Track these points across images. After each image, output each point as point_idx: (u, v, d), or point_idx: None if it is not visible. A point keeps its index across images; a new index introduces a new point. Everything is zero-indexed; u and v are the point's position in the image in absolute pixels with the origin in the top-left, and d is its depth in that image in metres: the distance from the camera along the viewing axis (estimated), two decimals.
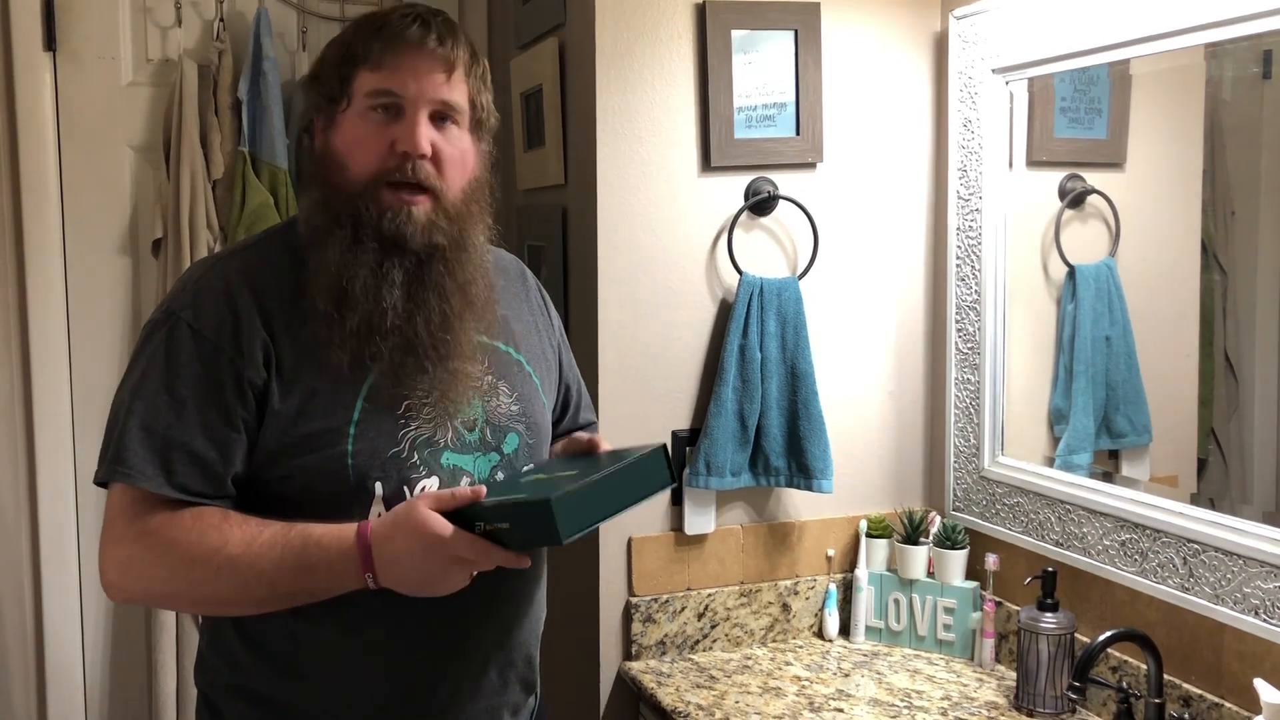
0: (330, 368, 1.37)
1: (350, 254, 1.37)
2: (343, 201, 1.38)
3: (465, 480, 1.43)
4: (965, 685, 2.04)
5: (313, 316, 1.37)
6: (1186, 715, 1.73)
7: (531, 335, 1.60)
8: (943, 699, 1.98)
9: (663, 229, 2.14)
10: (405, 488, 1.38)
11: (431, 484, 1.40)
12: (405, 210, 1.37)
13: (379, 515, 1.36)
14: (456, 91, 1.40)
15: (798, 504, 2.27)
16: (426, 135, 1.37)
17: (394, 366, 1.38)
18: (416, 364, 1.39)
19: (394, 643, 1.42)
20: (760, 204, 2.18)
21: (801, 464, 2.16)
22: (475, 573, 1.33)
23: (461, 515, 1.31)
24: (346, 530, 1.31)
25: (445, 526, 1.28)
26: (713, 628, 2.21)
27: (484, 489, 1.33)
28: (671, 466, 1.40)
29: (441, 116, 1.40)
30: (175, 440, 1.33)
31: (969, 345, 2.20)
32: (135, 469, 1.33)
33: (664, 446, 1.40)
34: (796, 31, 2.16)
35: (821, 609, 2.28)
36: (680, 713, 1.92)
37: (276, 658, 1.43)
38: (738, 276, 2.15)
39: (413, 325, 1.38)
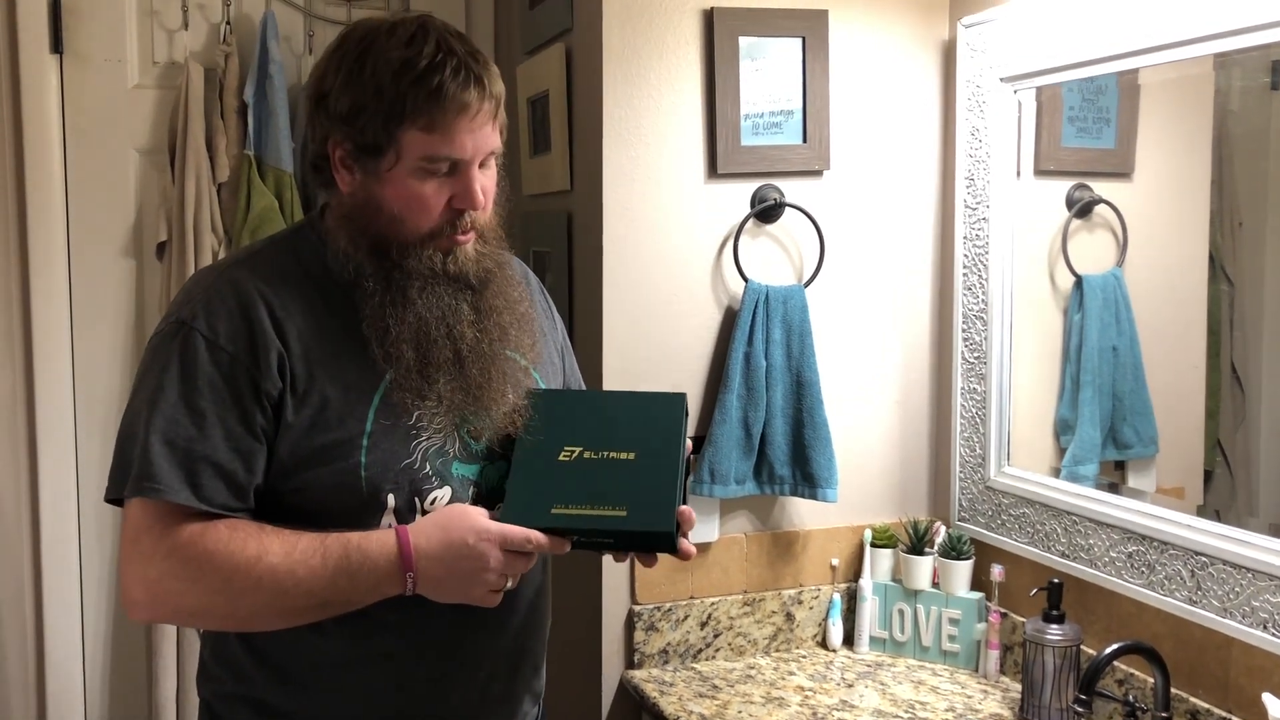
0: (341, 379, 1.37)
1: (422, 299, 1.40)
2: (398, 252, 1.39)
3: (473, 490, 1.43)
4: (970, 697, 2.03)
5: (343, 346, 1.39)
6: None
7: (537, 340, 1.59)
8: (947, 710, 1.97)
9: (668, 235, 2.14)
10: (416, 499, 1.38)
11: (443, 494, 1.39)
12: (460, 250, 1.41)
13: (389, 526, 1.36)
14: (497, 134, 1.42)
15: (802, 513, 2.26)
16: (481, 187, 1.40)
17: (454, 392, 1.41)
18: (475, 382, 1.42)
19: (402, 653, 1.41)
20: (766, 211, 2.17)
21: (806, 472, 2.15)
22: (510, 583, 1.35)
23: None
24: (385, 532, 1.33)
25: (488, 519, 1.34)
26: (716, 636, 2.20)
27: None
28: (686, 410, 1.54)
29: (484, 160, 1.42)
30: (198, 454, 1.32)
31: (975, 355, 2.19)
32: (164, 483, 1.30)
33: (684, 400, 1.52)
34: (804, 39, 2.16)
35: (825, 619, 2.26)
36: None
37: (282, 667, 1.42)
38: (743, 284, 2.14)
39: (478, 351, 1.42)
